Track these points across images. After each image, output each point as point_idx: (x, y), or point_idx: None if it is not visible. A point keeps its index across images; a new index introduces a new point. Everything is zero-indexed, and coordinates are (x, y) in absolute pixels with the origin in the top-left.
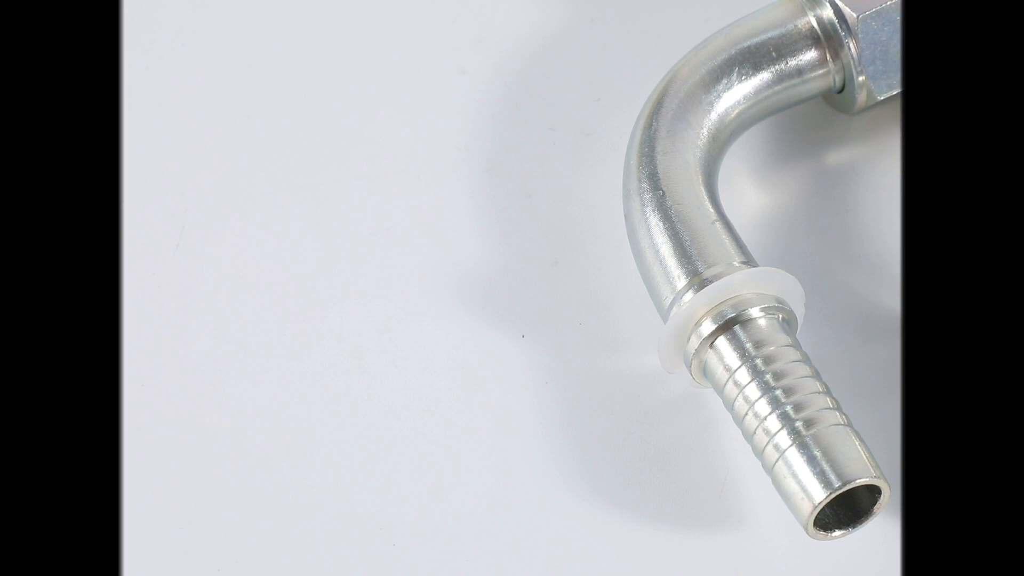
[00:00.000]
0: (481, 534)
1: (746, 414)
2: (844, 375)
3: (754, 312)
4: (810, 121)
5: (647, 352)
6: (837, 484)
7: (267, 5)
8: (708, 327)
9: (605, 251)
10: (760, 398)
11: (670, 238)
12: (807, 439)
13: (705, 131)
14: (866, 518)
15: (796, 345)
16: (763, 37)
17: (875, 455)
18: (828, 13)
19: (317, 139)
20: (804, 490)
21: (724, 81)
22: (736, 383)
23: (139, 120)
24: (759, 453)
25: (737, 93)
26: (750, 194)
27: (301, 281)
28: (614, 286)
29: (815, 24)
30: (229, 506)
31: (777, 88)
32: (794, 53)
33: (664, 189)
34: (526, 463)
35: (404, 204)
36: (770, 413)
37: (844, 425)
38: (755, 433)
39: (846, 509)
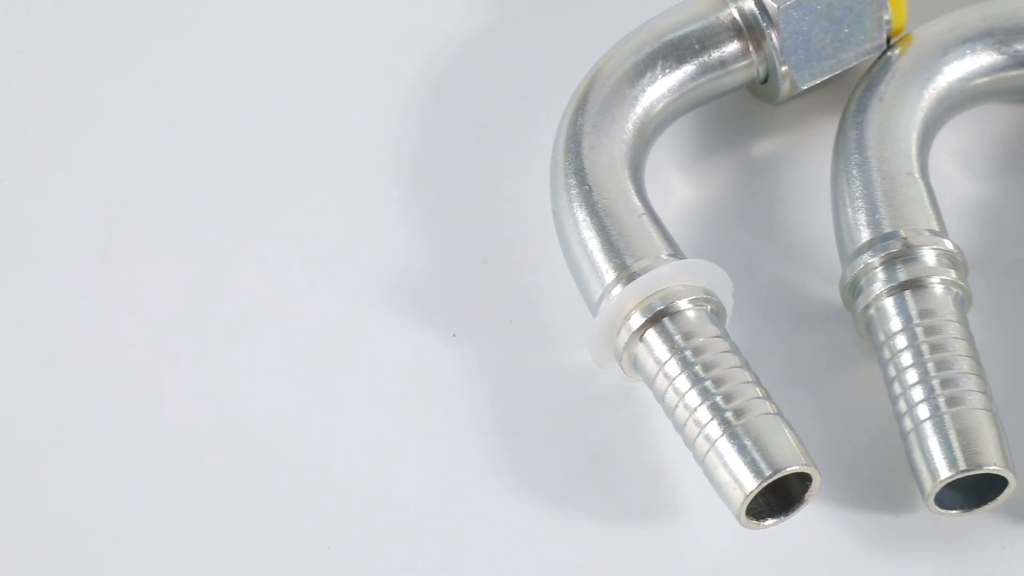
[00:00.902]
0: (418, 535)
1: (677, 406)
2: (776, 364)
3: (683, 304)
4: (736, 112)
5: (579, 347)
6: (768, 473)
7: (191, 10)
8: (637, 320)
9: (535, 248)
10: (690, 389)
11: (597, 233)
12: (737, 429)
13: (630, 125)
14: (798, 506)
15: (725, 336)
16: (686, 30)
17: (808, 442)
18: (749, 4)
19: (244, 144)
20: (735, 480)
21: (648, 75)
22: (666, 375)
23: (64, 127)
24: (690, 444)
25: (661, 87)
26: (678, 186)
27: (230, 287)
28: (545, 282)
29: (737, 16)
30: (161, 513)
31: (701, 80)
32: (717, 45)
33: (591, 184)
34: (461, 462)
35: (332, 207)
36: (700, 404)
37: (774, 414)
38: (686, 424)
39: (778, 497)
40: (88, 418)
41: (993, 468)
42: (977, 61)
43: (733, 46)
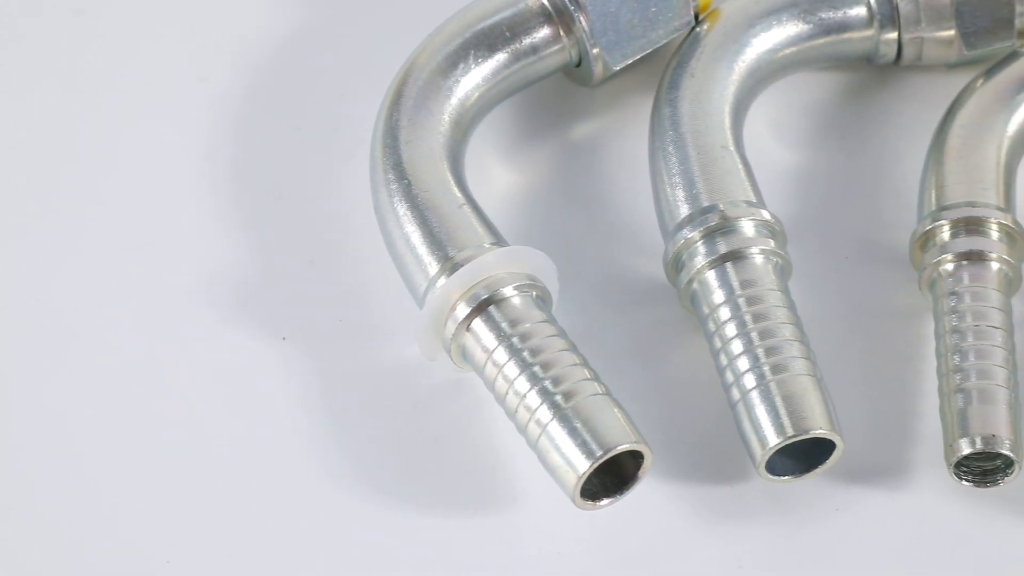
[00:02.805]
0: (257, 543)
1: (507, 393)
2: (608, 343)
3: (507, 291)
4: (553, 97)
5: (409, 342)
6: (599, 453)
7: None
8: (463, 310)
9: (361, 245)
10: (519, 375)
11: (419, 226)
12: (567, 411)
13: (447, 117)
14: (632, 484)
15: (551, 320)
16: (496, 18)
17: (642, 419)
18: None
19: (60, 157)
20: (568, 462)
21: (461, 66)
22: (495, 363)
23: None
24: (523, 430)
25: (475, 76)
26: (499, 174)
27: (55, 303)
28: (372, 279)
29: (545, 1)
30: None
31: (515, 68)
32: (528, 32)
33: (410, 178)
34: (298, 466)
35: (153, 218)
36: (530, 389)
37: (603, 394)
38: (517, 411)
39: (612, 476)
40: None
41: (820, 432)
42: (784, 32)
43: (544, 32)
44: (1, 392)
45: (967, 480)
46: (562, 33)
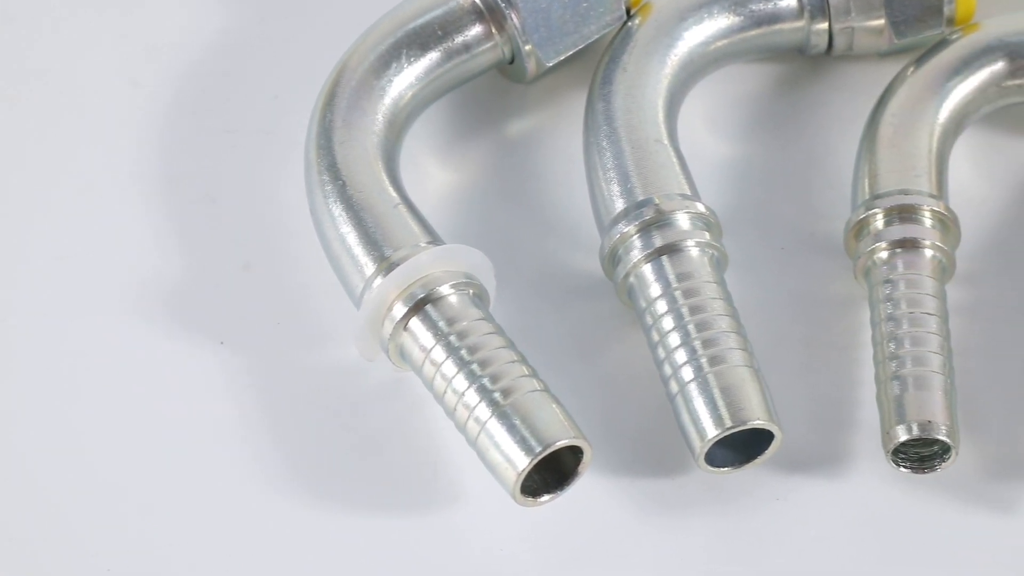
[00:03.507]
0: (197, 548)
1: (446, 391)
2: (548, 340)
3: (444, 290)
4: (487, 94)
5: (347, 344)
6: (538, 449)
7: None
8: (400, 310)
9: (297, 248)
10: (457, 374)
11: (355, 227)
12: (506, 408)
13: (380, 117)
14: (573, 479)
15: (489, 318)
16: (428, 17)
17: (582, 414)
18: None
19: None
20: (507, 459)
21: (394, 65)
22: (433, 362)
23: None
24: (462, 428)
25: (408, 76)
26: (435, 173)
27: None
28: (309, 282)
29: None
30: None
31: (448, 66)
32: (460, 30)
33: (344, 179)
34: (238, 471)
35: (85, 225)
36: (468, 387)
37: (541, 391)
38: (456, 409)
39: (553, 473)
40: None
41: (758, 423)
42: (715, 24)
43: (476, 29)
44: None
45: (905, 467)
46: (494, 30)
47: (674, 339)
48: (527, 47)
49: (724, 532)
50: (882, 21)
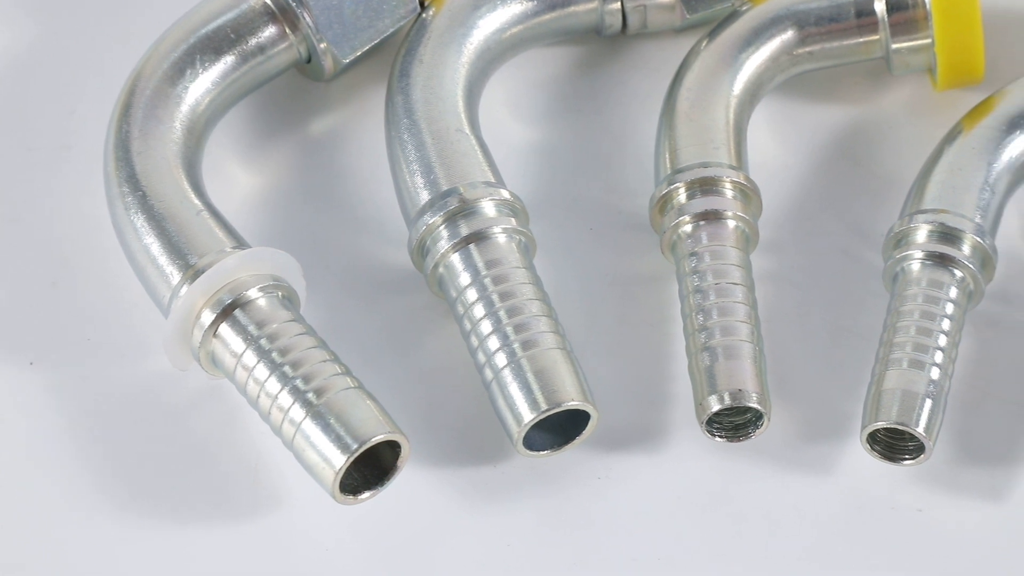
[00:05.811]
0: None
1: (259, 395)
2: (362, 337)
3: (252, 293)
4: (287, 95)
5: (160, 354)
6: (354, 446)
7: None
8: (208, 317)
9: (104, 262)
10: (269, 376)
11: (158, 236)
12: (320, 408)
13: (178, 124)
14: (393, 473)
15: (299, 319)
16: (219, 21)
17: (401, 408)
18: None
19: None
20: (324, 459)
21: (188, 72)
22: (245, 367)
23: None
24: (278, 431)
25: (204, 82)
26: (240, 177)
27: None
28: (118, 296)
29: (268, 0)
30: None
31: (243, 69)
32: (253, 32)
33: (144, 189)
34: (56, 490)
35: None
36: (281, 389)
37: (355, 388)
38: (271, 412)
39: (373, 469)
40: None
41: (573, 404)
42: (509, 11)
43: (269, 30)
44: None
45: (720, 436)
46: (288, 30)
47: (486, 326)
48: (322, 45)
49: (549, 513)
50: None
